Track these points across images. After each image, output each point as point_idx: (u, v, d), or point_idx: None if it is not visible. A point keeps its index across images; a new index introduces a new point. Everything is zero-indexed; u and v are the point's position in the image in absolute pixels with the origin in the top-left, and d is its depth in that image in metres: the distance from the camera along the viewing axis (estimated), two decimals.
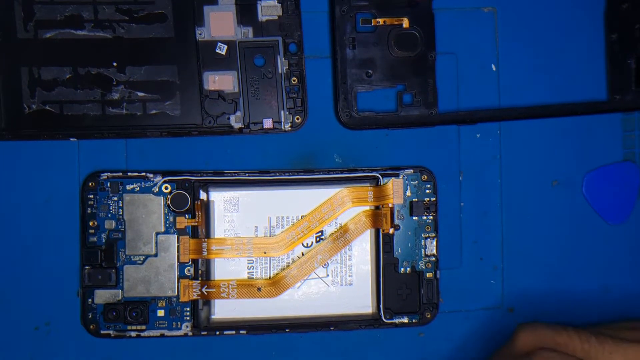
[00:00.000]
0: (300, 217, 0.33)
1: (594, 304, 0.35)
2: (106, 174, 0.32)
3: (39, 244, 0.33)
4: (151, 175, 0.32)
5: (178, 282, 0.32)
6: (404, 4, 0.33)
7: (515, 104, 0.34)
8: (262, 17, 0.33)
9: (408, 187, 0.33)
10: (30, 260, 0.33)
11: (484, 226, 0.34)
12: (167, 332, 0.32)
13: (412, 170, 0.33)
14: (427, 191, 0.34)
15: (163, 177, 0.32)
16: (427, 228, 0.33)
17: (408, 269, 0.33)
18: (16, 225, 0.33)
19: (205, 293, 0.33)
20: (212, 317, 0.33)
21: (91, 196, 0.32)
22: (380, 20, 0.33)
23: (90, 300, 0.32)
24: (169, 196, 0.32)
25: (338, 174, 0.33)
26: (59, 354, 0.33)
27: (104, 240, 0.32)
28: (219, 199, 0.33)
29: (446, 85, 0.34)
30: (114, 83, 0.32)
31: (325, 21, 0.33)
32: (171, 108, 0.32)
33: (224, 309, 0.33)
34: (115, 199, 0.32)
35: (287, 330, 0.33)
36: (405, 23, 0.33)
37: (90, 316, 0.32)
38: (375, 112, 0.33)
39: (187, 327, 0.32)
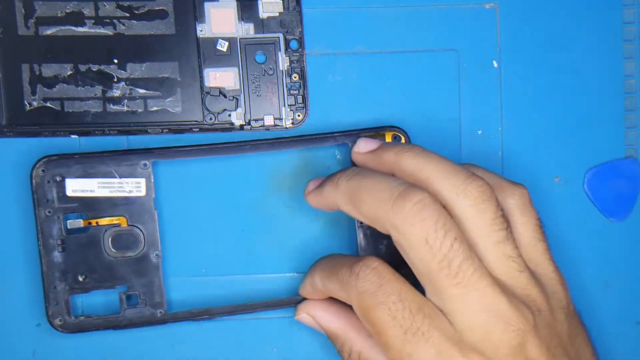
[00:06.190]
0: None
1: (594, 298, 0.35)
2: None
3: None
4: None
5: None
6: None
7: (517, 100, 0.34)
8: (263, 14, 0.32)
9: None
10: (32, 257, 0.33)
11: None
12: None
13: None
14: None
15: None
16: None
17: None
18: (17, 222, 0.33)
19: None
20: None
21: None
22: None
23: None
24: None
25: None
26: (60, 350, 0.33)
27: None
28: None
29: (447, 82, 0.34)
30: (115, 80, 0.32)
31: (327, 18, 0.33)
32: (172, 105, 0.32)
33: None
34: None
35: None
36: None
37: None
38: None
39: None
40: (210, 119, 0.33)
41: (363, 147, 0.30)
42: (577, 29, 0.34)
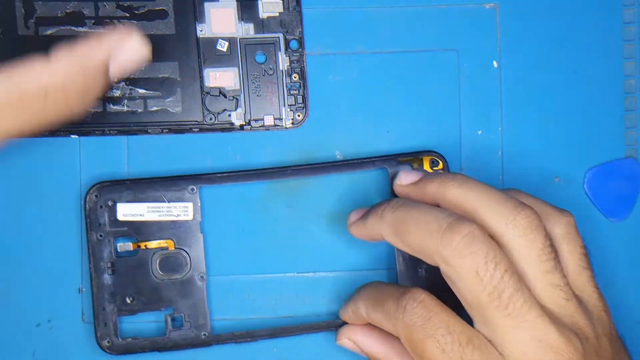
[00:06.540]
0: None
1: None
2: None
3: (40, 240, 0.33)
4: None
5: None
6: None
7: (517, 100, 0.34)
8: (263, 14, 0.32)
9: None
10: (31, 257, 0.33)
11: None
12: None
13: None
14: None
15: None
16: None
17: None
18: (17, 221, 0.33)
19: None
20: None
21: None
22: None
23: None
24: None
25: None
26: (61, 350, 0.33)
27: None
28: None
29: (447, 82, 0.34)
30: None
31: (327, 18, 0.33)
32: (172, 105, 0.32)
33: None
34: None
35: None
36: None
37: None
38: None
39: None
40: (210, 119, 0.33)
41: (405, 179, 0.30)
42: (577, 29, 0.34)
